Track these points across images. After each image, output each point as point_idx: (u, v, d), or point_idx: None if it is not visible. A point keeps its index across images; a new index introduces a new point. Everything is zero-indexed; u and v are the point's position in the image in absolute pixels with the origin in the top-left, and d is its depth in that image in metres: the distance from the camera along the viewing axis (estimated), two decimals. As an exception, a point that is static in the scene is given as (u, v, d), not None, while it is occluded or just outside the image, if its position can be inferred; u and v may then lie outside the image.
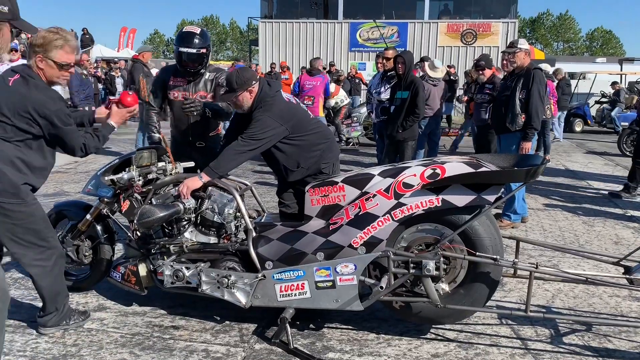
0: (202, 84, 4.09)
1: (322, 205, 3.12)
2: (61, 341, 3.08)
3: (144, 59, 8.70)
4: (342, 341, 3.12)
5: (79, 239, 3.62)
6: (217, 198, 3.31)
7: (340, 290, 3.00)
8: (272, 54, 20.47)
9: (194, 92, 4.06)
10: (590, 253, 3.70)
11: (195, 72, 4.02)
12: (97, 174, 3.57)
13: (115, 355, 2.94)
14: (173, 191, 3.38)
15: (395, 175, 2.97)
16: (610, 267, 3.99)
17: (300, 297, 3.07)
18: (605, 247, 4.91)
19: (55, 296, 3.09)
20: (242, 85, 3.33)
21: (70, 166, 8.66)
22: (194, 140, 4.11)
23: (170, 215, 3.17)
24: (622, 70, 18.81)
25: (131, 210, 3.39)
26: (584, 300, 3.74)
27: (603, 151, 11.38)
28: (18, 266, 4.19)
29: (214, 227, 3.33)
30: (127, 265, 3.42)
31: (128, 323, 3.32)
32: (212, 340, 3.12)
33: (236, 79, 3.34)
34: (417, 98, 5.57)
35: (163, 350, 2.99)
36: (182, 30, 4.07)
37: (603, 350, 3.05)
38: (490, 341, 3.15)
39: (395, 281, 2.98)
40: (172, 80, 4.08)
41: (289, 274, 3.07)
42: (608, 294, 3.83)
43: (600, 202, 6.74)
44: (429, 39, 19.43)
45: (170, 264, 3.29)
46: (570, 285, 3.92)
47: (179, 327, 3.27)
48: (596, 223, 5.77)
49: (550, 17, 65.28)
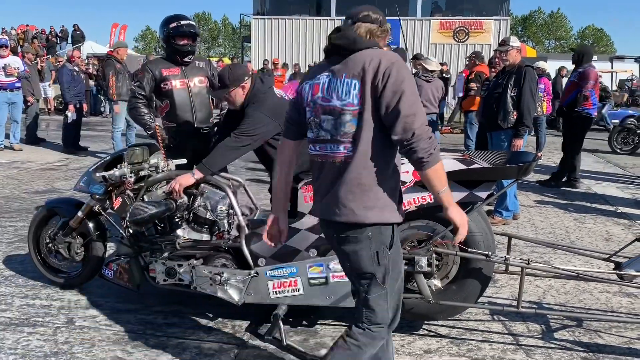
0: (197, 70, 4.13)
1: None
2: (53, 339, 3.06)
3: (119, 55, 8.52)
4: (335, 338, 3.12)
5: (70, 236, 3.61)
6: (209, 195, 3.30)
7: (333, 286, 3.01)
8: (265, 50, 20.43)
9: (191, 77, 4.08)
10: (581, 249, 3.73)
11: (189, 51, 4.04)
12: (88, 170, 3.55)
13: (108, 352, 2.93)
14: (165, 188, 3.37)
15: None
16: (600, 263, 4.05)
17: (293, 294, 3.07)
18: (596, 244, 4.94)
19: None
20: (235, 81, 3.33)
21: (62, 163, 8.62)
22: (199, 126, 4.10)
23: (162, 212, 3.16)
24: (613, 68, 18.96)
25: (123, 208, 3.38)
26: (575, 296, 3.77)
27: (594, 148, 11.45)
28: (8, 263, 4.17)
29: (207, 225, 3.32)
30: (119, 263, 3.41)
31: (120, 320, 3.31)
32: (205, 337, 3.11)
33: (229, 75, 3.33)
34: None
35: (156, 348, 2.98)
36: (168, 15, 4.10)
37: (594, 346, 3.08)
38: (482, 337, 3.17)
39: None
40: (165, 72, 4.05)
41: (282, 270, 3.07)
42: (599, 290, 3.86)
43: (592, 198, 6.79)
44: (421, 36, 19.47)
45: (163, 261, 3.28)
46: (562, 282, 3.95)
47: (172, 325, 3.26)
48: (587, 220, 5.81)
49: (542, 15, 65.57)
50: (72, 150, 9.51)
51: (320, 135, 2.05)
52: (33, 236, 3.75)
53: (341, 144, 1.99)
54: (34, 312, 3.39)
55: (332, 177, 2.04)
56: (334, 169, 2.02)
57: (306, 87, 2.11)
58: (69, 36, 24.75)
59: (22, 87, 9.72)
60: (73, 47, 18.75)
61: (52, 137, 11.16)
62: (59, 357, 2.87)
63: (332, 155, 2.02)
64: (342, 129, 1.98)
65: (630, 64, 21.87)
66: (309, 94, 2.09)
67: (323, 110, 2.03)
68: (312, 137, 2.11)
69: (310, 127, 2.10)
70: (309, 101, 2.09)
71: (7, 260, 4.27)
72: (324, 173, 2.07)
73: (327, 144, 2.03)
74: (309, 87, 2.10)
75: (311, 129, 2.10)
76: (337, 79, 1.99)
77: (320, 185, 2.11)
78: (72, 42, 23.97)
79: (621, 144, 10.88)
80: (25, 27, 24.20)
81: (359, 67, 1.95)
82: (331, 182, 2.04)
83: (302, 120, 2.16)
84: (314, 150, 2.10)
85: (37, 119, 10.69)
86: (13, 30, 23.74)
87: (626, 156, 10.54)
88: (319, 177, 2.10)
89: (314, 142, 2.10)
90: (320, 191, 2.11)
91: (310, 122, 2.09)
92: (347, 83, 1.96)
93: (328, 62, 2.07)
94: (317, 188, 2.14)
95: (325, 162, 2.06)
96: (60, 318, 3.32)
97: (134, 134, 8.74)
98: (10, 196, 6.35)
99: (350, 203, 1.99)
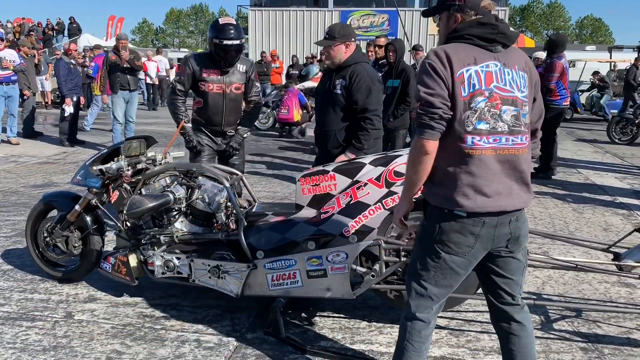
0: (236, 76, 4.19)
1: (313, 195, 3.11)
2: (51, 332, 3.06)
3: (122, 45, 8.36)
4: (334, 329, 3.13)
5: (68, 230, 3.60)
6: (207, 188, 3.28)
7: (331, 279, 3.00)
8: (262, 42, 20.34)
9: (229, 83, 4.15)
10: (580, 240, 3.72)
11: (231, 62, 4.09)
12: (85, 164, 3.54)
13: (107, 346, 2.93)
14: (162, 182, 3.35)
15: (386, 164, 2.97)
16: (599, 254, 4.04)
17: (291, 286, 3.07)
18: (595, 234, 4.95)
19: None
20: (343, 37, 3.45)
21: (59, 157, 8.59)
22: (225, 129, 4.25)
23: (160, 205, 3.15)
24: (612, 57, 18.89)
25: (120, 201, 3.36)
26: (574, 287, 3.77)
27: (593, 139, 11.45)
28: (6, 257, 4.16)
29: (205, 217, 3.31)
30: (117, 256, 3.39)
31: (119, 314, 3.30)
32: (204, 330, 3.11)
33: (339, 29, 3.48)
34: (408, 86, 5.56)
35: (155, 341, 2.98)
36: (219, 23, 4.07)
37: (592, 336, 3.08)
38: (481, 328, 3.17)
39: (387, 269, 2.98)
40: (204, 73, 4.11)
41: (281, 263, 3.06)
42: (597, 280, 3.86)
43: (590, 189, 6.79)
44: (419, 27, 19.38)
45: (161, 254, 3.27)
46: (560, 272, 3.95)
47: (171, 318, 3.26)
48: (586, 210, 5.81)
49: (540, 5, 65.41)
50: (69, 143, 9.47)
51: (497, 126, 1.95)
52: (31, 230, 3.74)
53: (521, 135, 2.00)
54: (32, 306, 3.38)
55: (509, 168, 1.98)
56: (513, 160, 1.98)
57: (470, 72, 1.93)
58: (65, 29, 24.61)
59: (19, 81, 9.67)
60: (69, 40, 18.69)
61: (49, 130, 11.12)
62: (57, 351, 2.86)
63: (511, 147, 1.98)
64: (523, 120, 2.00)
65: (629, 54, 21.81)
66: (479, 81, 1.93)
67: (503, 100, 1.96)
68: (482, 129, 1.94)
69: (480, 117, 1.94)
70: (482, 89, 1.93)
71: (6, 254, 4.26)
72: (498, 165, 1.96)
73: (504, 135, 1.96)
74: (475, 74, 1.94)
75: (481, 120, 1.94)
76: (511, 69, 1.98)
77: (487, 178, 1.95)
78: (69, 35, 23.87)
79: (620, 134, 10.86)
80: (21, 20, 24.05)
81: (522, 61, 2.03)
82: (509, 173, 1.99)
83: (451, 114, 1.95)
84: (484, 143, 1.94)
85: (34, 113, 10.65)
86: (9, 23, 23.59)
87: (625, 146, 10.54)
88: (487, 170, 1.95)
89: (486, 134, 1.94)
90: (493, 184, 1.96)
91: (483, 112, 1.94)
92: (521, 76, 2.01)
93: (482, 48, 1.97)
94: (482, 182, 1.95)
95: (500, 155, 1.96)
96: (58, 312, 3.32)
97: (133, 130, 8.71)
98: (8, 190, 6.33)
99: (529, 187, 2.06)
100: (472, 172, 1.95)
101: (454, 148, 1.96)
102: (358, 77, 3.49)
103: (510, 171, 1.99)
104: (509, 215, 2.01)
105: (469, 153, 1.94)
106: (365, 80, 3.48)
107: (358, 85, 3.47)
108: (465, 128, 1.93)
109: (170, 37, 66.14)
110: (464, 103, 1.92)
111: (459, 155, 1.96)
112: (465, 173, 1.95)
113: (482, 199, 1.95)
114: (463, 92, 1.92)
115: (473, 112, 1.93)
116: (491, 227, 1.99)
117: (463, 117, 1.93)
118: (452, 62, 1.92)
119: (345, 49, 3.47)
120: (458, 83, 1.92)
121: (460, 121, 1.93)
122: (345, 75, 3.54)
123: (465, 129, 1.93)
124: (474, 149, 1.94)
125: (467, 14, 2.01)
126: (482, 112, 1.93)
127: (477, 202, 1.95)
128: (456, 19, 2.04)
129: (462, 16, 2.02)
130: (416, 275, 2.14)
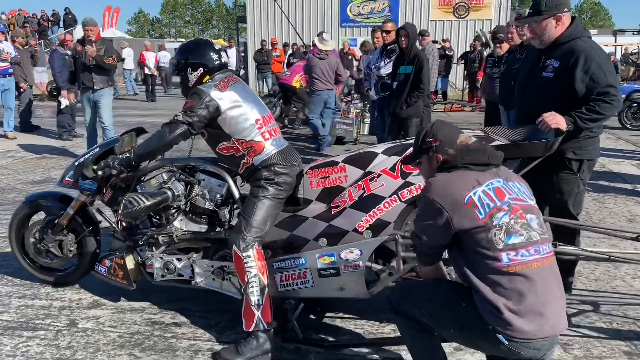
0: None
1: (322, 188, 2.89)
2: (54, 343, 2.84)
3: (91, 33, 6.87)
4: (354, 333, 2.92)
5: (61, 234, 3.35)
6: (207, 183, 3.04)
7: (345, 277, 2.77)
8: (262, 30, 19.99)
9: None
10: (607, 229, 3.49)
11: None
12: (74, 164, 3.28)
13: (114, 357, 2.71)
14: (159, 178, 3.10)
15: (401, 153, 2.72)
16: (628, 246, 3.81)
17: (302, 286, 2.85)
18: (620, 225, 4.73)
19: None
20: (552, 7, 2.81)
21: (57, 151, 8.34)
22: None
23: (157, 203, 2.90)
24: (617, 41, 18.60)
25: (115, 200, 3.12)
26: (607, 283, 3.57)
27: (604, 124, 11.21)
28: (4, 260, 3.93)
29: (206, 215, 3.06)
30: (113, 258, 3.16)
31: (126, 321, 3.09)
32: (218, 337, 2.90)
33: (547, 0, 2.82)
34: (421, 72, 5.30)
35: (165, 351, 2.77)
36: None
37: (635, 337, 2.87)
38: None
39: (405, 266, 2.73)
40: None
41: (290, 262, 2.84)
42: (631, 276, 3.65)
43: (608, 177, 6.56)
44: (420, 12, 19.02)
45: (160, 255, 3.05)
46: (590, 268, 3.75)
47: (181, 324, 3.04)
48: (607, 200, 5.58)
49: (540, -10, 64.74)
50: (65, 137, 9.22)
51: (530, 237, 1.90)
52: (16, 236, 3.48)
53: (547, 243, 1.95)
54: (33, 314, 3.16)
55: (552, 282, 1.92)
56: (550, 272, 1.92)
57: (479, 194, 1.92)
58: (60, 20, 24.27)
59: (14, 73, 9.39)
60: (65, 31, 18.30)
61: (46, 124, 10.84)
62: (61, 364, 2.65)
63: (546, 257, 1.92)
64: (544, 227, 1.98)
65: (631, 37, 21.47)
66: (491, 199, 1.92)
67: (525, 210, 1.94)
68: (518, 242, 1.88)
69: (508, 232, 1.88)
70: (500, 205, 1.91)
71: (3, 257, 4.02)
72: (544, 279, 1.89)
73: (538, 245, 1.91)
74: (484, 194, 1.92)
75: (511, 234, 1.88)
76: (514, 182, 2.02)
77: (539, 297, 1.85)
78: (64, 26, 23.49)
79: (631, 120, 10.61)
80: (16, 11, 23.70)
81: (515, 175, 2.09)
82: (553, 288, 1.91)
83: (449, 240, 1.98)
84: (527, 256, 1.88)
85: (30, 106, 10.36)
86: (4, 15, 23.23)
87: (637, 131, 10.28)
88: (537, 286, 1.86)
89: (524, 247, 1.88)
90: (545, 303, 1.86)
91: (511, 226, 1.89)
92: (523, 186, 2.04)
93: (479, 171, 2.00)
94: (533, 303, 1.84)
95: (542, 267, 1.90)
96: (61, 320, 3.10)
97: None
98: (6, 187, 6.10)
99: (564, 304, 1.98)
100: (523, 291, 1.86)
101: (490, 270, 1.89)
102: (581, 57, 2.78)
103: (552, 285, 1.92)
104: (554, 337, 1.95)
105: (514, 269, 1.87)
106: (594, 59, 2.77)
107: (584, 67, 2.77)
108: (495, 246, 1.87)
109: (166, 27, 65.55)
110: (485, 225, 1.88)
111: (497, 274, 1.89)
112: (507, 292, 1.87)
113: (535, 322, 1.86)
114: (480, 215, 1.89)
115: (499, 230, 1.88)
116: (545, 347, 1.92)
117: (490, 237, 1.87)
118: (454, 192, 1.93)
119: (556, 23, 2.83)
120: (470, 209, 1.89)
121: (488, 241, 1.88)
122: (560, 55, 2.88)
123: (496, 246, 1.87)
124: (519, 265, 1.87)
125: (445, 152, 2.05)
126: (509, 226, 1.89)
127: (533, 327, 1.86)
128: (437, 159, 2.08)
129: (442, 155, 2.05)
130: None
